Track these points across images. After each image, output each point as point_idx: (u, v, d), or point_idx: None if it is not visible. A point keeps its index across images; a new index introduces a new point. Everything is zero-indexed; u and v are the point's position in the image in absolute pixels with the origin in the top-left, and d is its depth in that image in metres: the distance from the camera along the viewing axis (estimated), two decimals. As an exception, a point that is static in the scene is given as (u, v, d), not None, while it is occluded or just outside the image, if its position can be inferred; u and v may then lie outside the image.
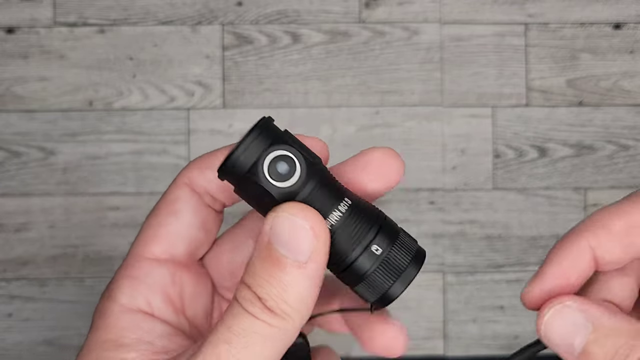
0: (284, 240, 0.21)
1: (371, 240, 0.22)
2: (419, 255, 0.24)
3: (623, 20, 0.85)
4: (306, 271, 0.21)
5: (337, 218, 0.22)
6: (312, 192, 0.22)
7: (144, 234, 0.26)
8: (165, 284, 0.25)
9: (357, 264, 0.22)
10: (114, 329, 0.24)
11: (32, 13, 0.83)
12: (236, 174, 0.22)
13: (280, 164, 0.22)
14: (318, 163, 0.23)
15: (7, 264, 0.81)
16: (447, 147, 0.83)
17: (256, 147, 0.22)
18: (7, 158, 0.82)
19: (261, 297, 0.21)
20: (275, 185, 0.22)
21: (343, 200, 0.22)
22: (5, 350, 0.81)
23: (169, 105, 0.83)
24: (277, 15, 0.84)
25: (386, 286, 0.23)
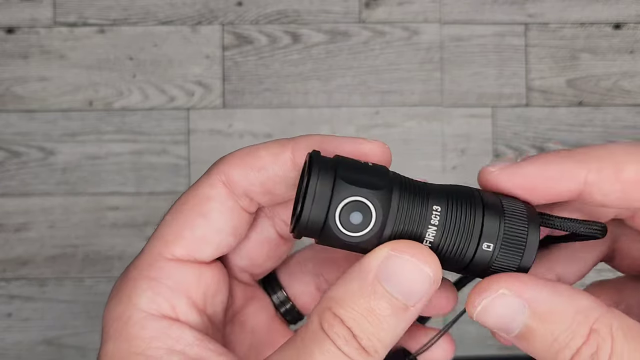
0: (399, 282, 0.20)
1: (481, 230, 0.20)
2: (532, 217, 0.21)
3: (623, 20, 0.85)
4: (410, 314, 0.20)
5: (434, 232, 0.20)
6: (397, 223, 0.20)
7: (166, 230, 0.24)
8: (190, 286, 0.23)
9: (477, 258, 0.21)
10: (138, 340, 0.22)
11: (32, 13, 0.83)
12: (312, 232, 0.20)
13: (353, 216, 0.20)
14: (385, 184, 0.20)
15: (7, 263, 0.81)
16: (447, 147, 0.83)
17: (321, 199, 0.20)
18: (7, 158, 0.82)
19: (356, 335, 0.19)
20: (358, 235, 0.20)
21: (432, 210, 0.20)
22: (5, 349, 0.81)
23: (168, 105, 0.83)
24: (277, 15, 0.84)
25: (516, 264, 0.21)
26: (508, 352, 0.88)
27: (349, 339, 0.19)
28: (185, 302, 0.23)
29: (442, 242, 0.20)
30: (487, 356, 0.83)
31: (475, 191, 0.21)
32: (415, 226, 0.20)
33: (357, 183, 0.20)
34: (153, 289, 0.22)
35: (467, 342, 0.88)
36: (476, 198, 0.21)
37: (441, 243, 0.20)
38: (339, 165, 0.21)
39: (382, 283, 0.19)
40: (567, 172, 0.21)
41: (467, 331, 0.85)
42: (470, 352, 0.83)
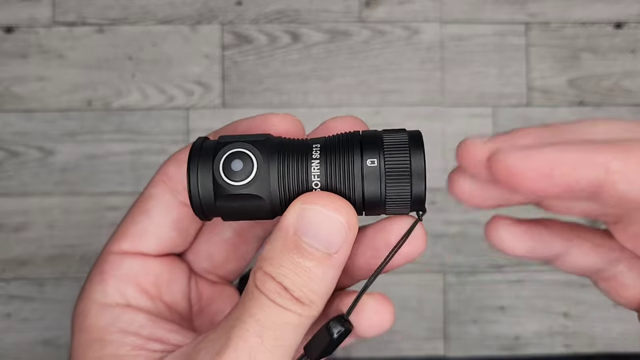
0: (315, 234, 0.21)
1: (361, 164, 0.21)
2: (414, 140, 0.22)
3: (624, 20, 0.85)
4: (334, 261, 0.21)
5: (318, 167, 0.21)
6: (281, 164, 0.21)
7: (117, 231, 0.26)
8: (136, 274, 0.25)
9: (368, 195, 0.21)
10: (95, 329, 0.24)
11: (31, 12, 0.83)
12: (210, 206, 0.22)
13: (234, 164, 0.21)
14: (267, 138, 0.22)
15: (6, 263, 0.81)
16: (447, 147, 0.83)
17: (204, 173, 0.21)
18: (5, 158, 0.81)
19: (288, 288, 0.21)
20: (245, 184, 0.21)
21: (312, 148, 0.21)
22: (4, 350, 0.81)
23: (168, 105, 0.82)
24: (276, 15, 0.83)
25: (407, 194, 0.21)
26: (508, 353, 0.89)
27: (281, 292, 0.20)
28: (134, 289, 0.25)
29: (330, 177, 0.21)
30: (487, 356, 0.83)
31: (356, 132, 0.22)
32: (300, 170, 0.21)
33: (233, 140, 0.21)
34: (104, 282, 0.25)
35: (467, 342, 0.88)
36: (355, 137, 0.22)
37: (329, 178, 0.21)
38: (220, 138, 0.22)
39: (301, 237, 0.21)
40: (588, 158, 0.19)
41: (467, 331, 0.85)
42: (470, 352, 0.83)
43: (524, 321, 0.83)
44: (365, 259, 0.24)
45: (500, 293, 0.83)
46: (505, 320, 0.83)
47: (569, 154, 0.19)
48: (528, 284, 0.83)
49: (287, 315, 0.21)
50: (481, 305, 0.83)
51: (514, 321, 0.83)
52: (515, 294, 0.83)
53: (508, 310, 0.83)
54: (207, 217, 0.22)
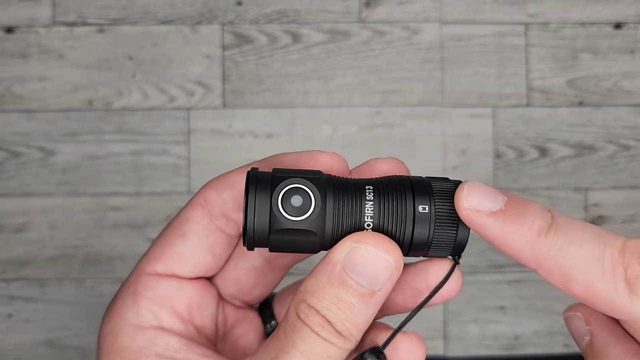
0: (363, 271, 0.21)
1: (413, 208, 0.22)
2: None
3: (623, 20, 0.85)
4: (377, 298, 0.22)
5: (372, 209, 0.22)
6: (337, 202, 0.22)
7: (151, 252, 0.26)
8: (170, 296, 0.25)
9: (416, 237, 0.22)
10: (128, 351, 0.23)
11: (32, 12, 0.83)
12: (262, 238, 0.22)
13: (293, 199, 0.22)
14: (321, 176, 0.22)
15: (7, 264, 0.81)
16: (447, 147, 0.83)
17: (262, 204, 0.22)
18: (6, 158, 0.81)
19: (331, 321, 0.21)
20: (303, 220, 0.22)
21: (365, 189, 0.22)
22: (6, 350, 0.81)
23: (168, 105, 0.82)
24: (277, 15, 0.84)
25: (452, 238, 0.23)
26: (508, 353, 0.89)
27: (325, 325, 0.21)
28: (168, 312, 0.25)
29: (382, 217, 0.22)
30: (487, 356, 0.83)
31: (404, 177, 0.23)
32: (354, 210, 0.22)
33: (292, 174, 0.22)
34: (137, 303, 0.24)
35: (467, 342, 0.88)
36: (405, 181, 0.23)
37: (382, 218, 0.22)
38: (275, 171, 0.23)
39: (348, 273, 0.21)
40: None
41: (467, 331, 0.85)
42: (470, 352, 0.83)
43: (524, 321, 0.83)
44: (404, 297, 0.25)
45: (500, 293, 0.83)
46: (505, 320, 0.83)
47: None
48: (528, 284, 0.83)
49: (329, 348, 0.21)
50: (481, 305, 0.83)
51: (514, 321, 0.83)
52: (515, 294, 0.83)
53: (508, 310, 0.83)
54: (254, 247, 0.23)
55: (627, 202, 0.84)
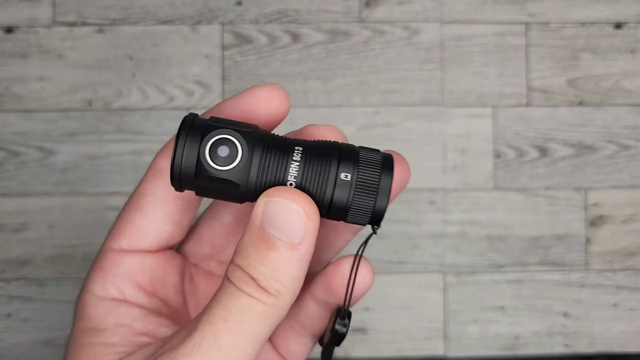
0: (277, 224, 0.22)
1: (336, 173, 0.23)
2: (387, 163, 0.24)
3: (624, 20, 0.85)
4: (298, 252, 0.22)
5: (296, 168, 0.23)
6: (264, 158, 0.23)
7: (114, 228, 0.27)
8: (134, 271, 0.26)
9: (336, 199, 0.23)
10: (91, 318, 0.25)
11: (32, 12, 0.83)
12: (188, 181, 0.23)
13: (220, 149, 0.22)
14: (254, 131, 0.23)
15: (6, 264, 0.81)
16: (447, 147, 0.83)
17: (191, 149, 0.22)
18: (6, 158, 0.81)
19: (255, 277, 0.22)
20: (227, 170, 0.22)
21: (294, 150, 0.23)
22: (5, 350, 0.81)
23: (168, 105, 0.82)
24: (277, 15, 0.83)
25: (370, 206, 0.23)
26: (508, 353, 0.89)
27: (248, 281, 0.22)
28: (132, 286, 0.26)
29: (305, 177, 0.23)
30: (487, 356, 0.83)
31: (335, 143, 0.24)
32: (280, 163, 0.23)
33: (226, 125, 0.23)
34: (103, 277, 0.26)
35: (467, 342, 0.88)
36: (334, 148, 0.24)
37: (305, 178, 0.23)
38: (211, 119, 0.23)
39: (266, 229, 0.22)
40: None
41: (467, 331, 0.85)
42: (470, 352, 0.83)
43: (524, 321, 0.83)
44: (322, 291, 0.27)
45: (500, 293, 0.83)
46: (505, 320, 0.83)
47: None
48: (528, 284, 0.83)
49: (253, 303, 0.22)
50: (481, 305, 0.83)
51: (514, 321, 0.83)
52: (515, 294, 0.83)
53: (508, 310, 0.83)
54: (181, 188, 0.24)
55: (627, 202, 0.84)
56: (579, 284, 0.83)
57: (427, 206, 0.82)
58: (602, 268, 0.83)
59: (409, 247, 0.82)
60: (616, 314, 0.84)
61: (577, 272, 0.83)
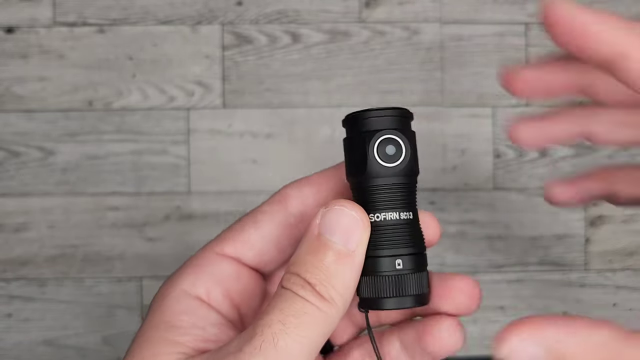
0: (336, 229, 0.23)
1: (403, 255, 0.24)
2: (424, 298, 0.26)
3: (624, 20, 0.85)
4: (352, 260, 0.23)
5: (393, 219, 0.24)
6: (396, 186, 0.24)
7: (223, 234, 0.28)
8: (228, 278, 0.27)
9: (379, 260, 0.24)
10: (169, 311, 0.25)
11: (32, 13, 0.83)
12: (355, 127, 0.24)
13: (390, 147, 0.24)
14: (416, 173, 0.25)
15: (7, 264, 0.81)
16: (447, 147, 0.83)
17: (386, 122, 0.24)
18: (6, 158, 0.81)
19: (310, 282, 0.22)
20: (377, 160, 0.24)
21: (409, 212, 0.25)
22: (5, 350, 0.81)
23: (168, 105, 0.82)
24: (277, 15, 0.84)
25: (384, 294, 0.24)
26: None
27: (304, 285, 0.22)
28: (221, 291, 0.26)
29: (385, 229, 0.24)
30: (487, 356, 0.83)
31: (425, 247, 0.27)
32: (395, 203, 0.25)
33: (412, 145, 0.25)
34: (195, 274, 0.26)
35: (467, 342, 0.88)
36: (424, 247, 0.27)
37: (385, 228, 0.24)
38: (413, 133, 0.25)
39: (324, 235, 0.23)
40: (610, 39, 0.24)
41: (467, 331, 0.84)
42: (470, 352, 0.83)
43: (524, 321, 0.83)
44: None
45: (500, 293, 0.83)
46: (505, 320, 0.83)
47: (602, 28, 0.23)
48: (528, 284, 0.83)
49: (307, 307, 0.22)
50: (481, 305, 0.83)
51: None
52: (515, 294, 0.83)
53: (508, 310, 0.83)
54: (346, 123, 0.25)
55: (628, 202, 0.84)
56: (578, 284, 0.83)
57: (427, 206, 0.83)
58: (601, 268, 0.84)
59: (409, 247, 0.82)
60: (616, 314, 0.84)
61: (576, 272, 0.83)
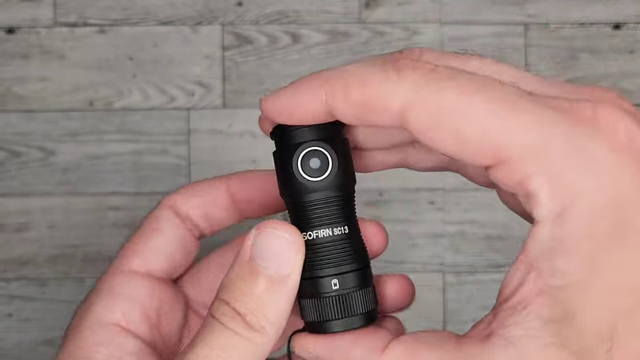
0: (266, 252, 0.21)
1: (343, 273, 0.22)
2: (372, 315, 0.23)
3: (623, 21, 0.85)
4: (285, 286, 0.21)
5: (327, 235, 0.22)
6: (325, 201, 0.22)
7: (125, 249, 0.27)
8: (144, 297, 0.25)
9: (318, 281, 0.22)
10: (85, 343, 0.24)
11: (33, 13, 0.83)
12: (281, 140, 0.23)
13: (315, 160, 0.22)
14: (348, 184, 0.23)
15: (7, 264, 0.81)
16: (447, 147, 0.83)
17: (311, 133, 0.22)
18: (7, 158, 0.82)
19: (240, 313, 0.21)
20: (302, 174, 0.22)
21: (343, 226, 0.23)
22: (6, 350, 0.81)
23: (169, 105, 0.83)
24: (277, 16, 0.84)
25: (329, 317, 0.22)
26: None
27: (234, 316, 0.21)
28: (138, 312, 0.25)
29: (323, 246, 0.22)
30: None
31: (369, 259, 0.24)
32: (330, 218, 0.23)
33: (341, 155, 0.23)
34: (110, 298, 0.25)
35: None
36: (367, 259, 0.24)
37: (322, 246, 0.22)
38: (345, 142, 0.23)
39: (254, 260, 0.21)
40: (311, 94, 0.21)
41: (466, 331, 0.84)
42: (471, 352, 0.83)
43: (524, 320, 0.83)
44: None
45: (499, 293, 0.83)
46: (504, 320, 0.83)
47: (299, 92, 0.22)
48: (527, 284, 0.83)
49: (236, 340, 0.21)
50: (481, 305, 0.83)
51: (513, 320, 0.83)
52: (514, 294, 0.83)
53: (507, 310, 0.83)
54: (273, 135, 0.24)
55: (627, 202, 0.84)
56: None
57: (427, 206, 0.83)
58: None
59: (408, 247, 0.82)
60: (615, 314, 0.84)
61: (576, 271, 0.83)
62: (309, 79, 0.22)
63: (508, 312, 0.20)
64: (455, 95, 0.19)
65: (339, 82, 0.21)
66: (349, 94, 0.20)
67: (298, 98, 0.22)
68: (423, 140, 0.20)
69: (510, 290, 0.21)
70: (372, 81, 0.20)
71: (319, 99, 0.21)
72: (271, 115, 0.23)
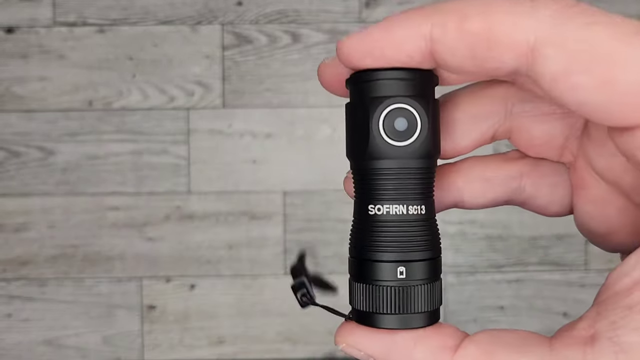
0: None
1: (417, 260, 0.19)
2: (435, 316, 0.20)
3: (624, 20, 0.85)
4: None
5: (400, 213, 0.19)
6: (405, 171, 0.19)
7: None
8: None
9: (377, 265, 0.19)
10: None
11: (32, 13, 0.83)
12: (359, 90, 0.19)
13: (401, 120, 0.18)
14: (434, 155, 0.19)
15: (7, 264, 0.81)
16: (447, 147, 0.83)
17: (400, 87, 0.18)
18: (6, 158, 0.81)
19: None
20: (382, 136, 0.18)
21: (420, 205, 0.20)
22: (5, 350, 0.81)
23: (168, 105, 0.82)
24: (277, 15, 0.84)
25: (383, 310, 0.19)
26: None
27: None
28: None
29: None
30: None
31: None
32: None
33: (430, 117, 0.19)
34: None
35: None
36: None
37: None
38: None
39: None
40: (412, 29, 0.17)
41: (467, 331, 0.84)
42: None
43: (524, 321, 0.83)
44: None
45: (500, 293, 0.83)
46: (505, 320, 0.83)
47: (395, 29, 0.18)
48: (528, 284, 0.83)
49: None
50: (481, 305, 0.83)
51: (513, 321, 0.83)
52: (515, 294, 0.83)
53: (508, 310, 0.83)
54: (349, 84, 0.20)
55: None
56: (578, 283, 0.83)
57: (427, 206, 0.83)
58: (601, 268, 0.83)
59: (408, 247, 0.82)
60: (616, 314, 0.84)
61: (576, 272, 0.83)
62: (411, 10, 0.17)
63: (620, 312, 0.16)
64: (609, 35, 0.16)
65: (453, 10, 0.17)
66: (466, 23, 0.16)
67: (393, 33, 0.17)
68: (553, 89, 0.16)
69: (625, 285, 0.16)
70: (498, 8, 0.16)
71: (421, 32, 0.17)
72: (354, 56, 0.18)
